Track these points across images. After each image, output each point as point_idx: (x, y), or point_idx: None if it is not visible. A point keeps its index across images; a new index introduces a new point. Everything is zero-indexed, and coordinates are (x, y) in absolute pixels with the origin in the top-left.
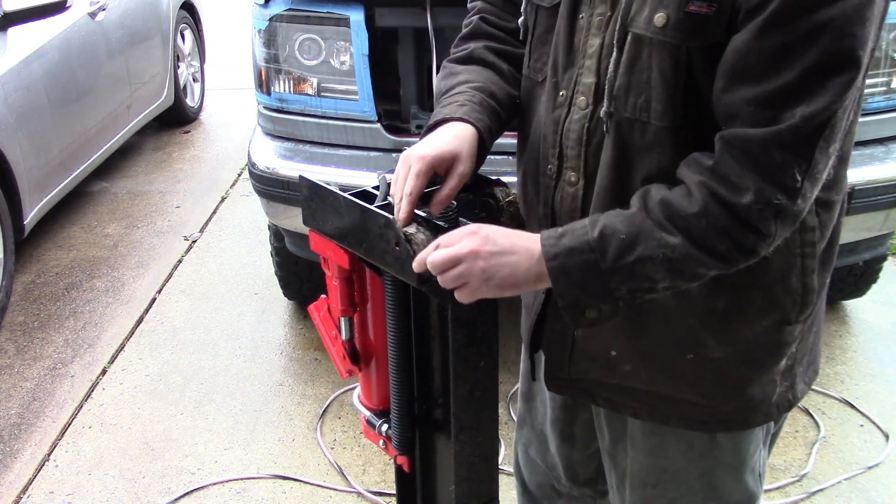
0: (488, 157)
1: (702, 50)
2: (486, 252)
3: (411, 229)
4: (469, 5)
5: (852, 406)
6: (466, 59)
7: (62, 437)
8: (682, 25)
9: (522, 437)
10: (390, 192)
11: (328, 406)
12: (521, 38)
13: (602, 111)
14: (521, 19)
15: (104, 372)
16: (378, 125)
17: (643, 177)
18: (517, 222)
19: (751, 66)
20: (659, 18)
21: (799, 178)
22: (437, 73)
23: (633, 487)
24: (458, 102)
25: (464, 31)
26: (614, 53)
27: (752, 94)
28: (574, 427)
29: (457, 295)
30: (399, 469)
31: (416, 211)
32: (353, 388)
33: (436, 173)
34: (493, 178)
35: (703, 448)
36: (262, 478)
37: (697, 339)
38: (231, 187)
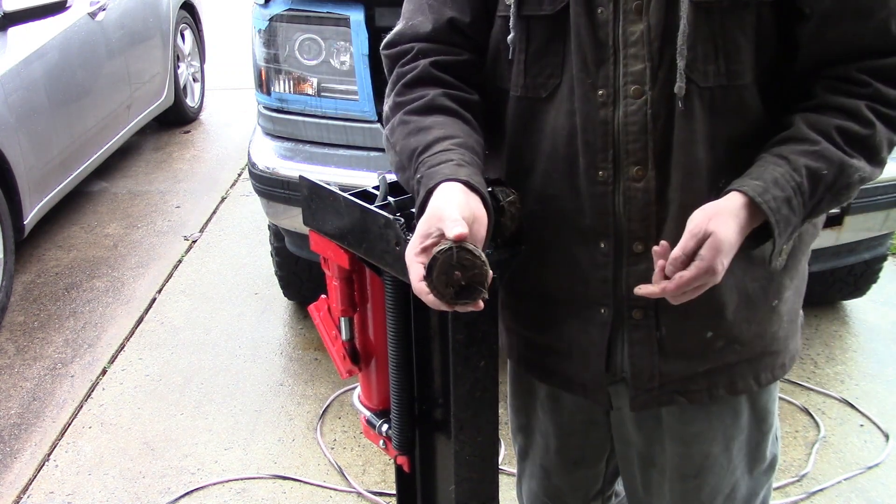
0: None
1: (769, 5)
2: (720, 267)
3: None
4: (396, 49)
5: (852, 406)
6: (429, 110)
7: (62, 437)
8: None
9: (526, 470)
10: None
11: (328, 406)
12: (509, 56)
13: (676, 87)
14: (509, 37)
15: (104, 372)
16: (378, 125)
17: (730, 140)
18: (518, 223)
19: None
20: None
21: None
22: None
23: (673, 482)
24: (455, 162)
25: (408, 75)
26: (681, 27)
27: (869, 26)
28: (585, 450)
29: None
30: (399, 469)
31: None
32: (353, 388)
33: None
34: (494, 177)
35: (732, 419)
36: (262, 478)
37: (781, 282)
38: (231, 187)
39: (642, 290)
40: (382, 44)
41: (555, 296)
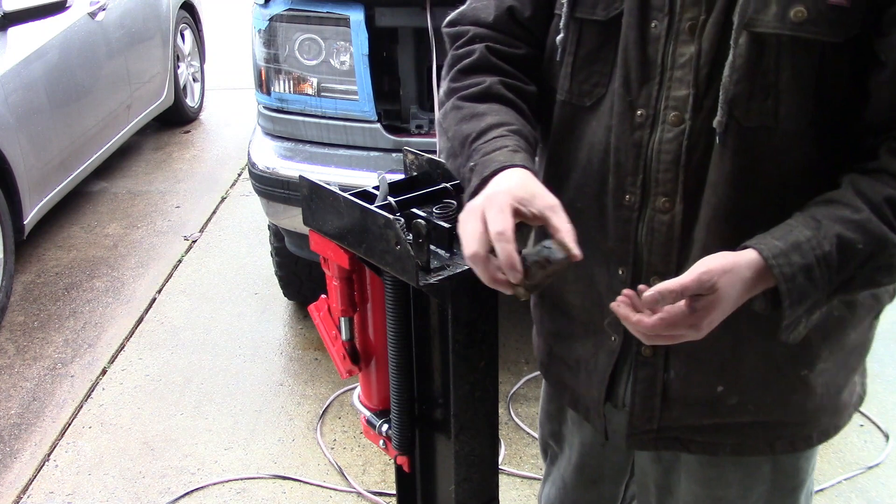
0: None
1: (837, 45)
2: (709, 321)
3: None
4: (455, 29)
5: None
6: (484, 97)
7: (62, 437)
8: (823, 19)
9: (551, 475)
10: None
11: (328, 406)
12: (558, 58)
13: (715, 121)
14: (559, 37)
15: (104, 372)
16: (378, 125)
17: (767, 186)
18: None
19: None
20: (797, 14)
21: None
22: (438, 79)
23: None
24: (510, 148)
25: (464, 60)
26: (730, 57)
27: None
28: (604, 469)
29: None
30: (399, 469)
31: (416, 210)
32: (353, 388)
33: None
34: None
35: (762, 474)
36: (262, 478)
37: (814, 352)
38: (231, 187)
39: (620, 308)
40: (445, 21)
41: (572, 312)
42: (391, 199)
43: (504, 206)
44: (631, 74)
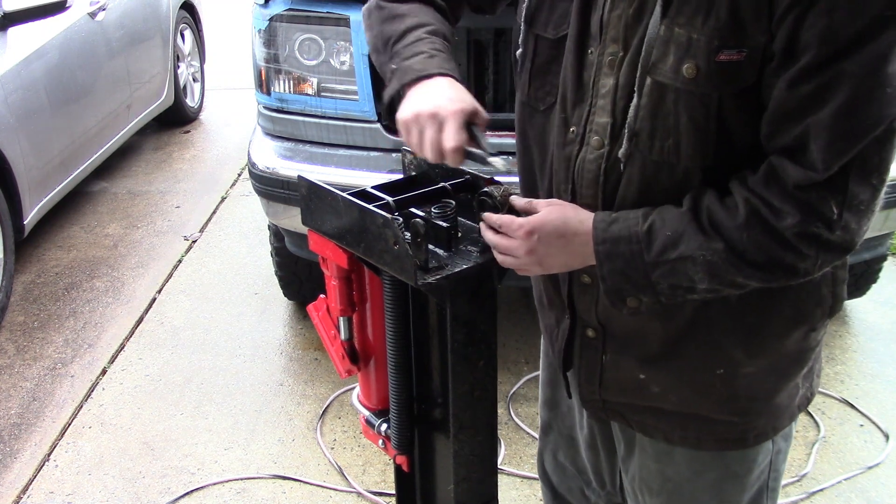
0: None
1: (733, 94)
2: (540, 255)
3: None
4: None
5: (852, 406)
6: None
7: (62, 437)
8: (713, 75)
9: (550, 443)
10: (414, 150)
11: (328, 406)
12: (518, 69)
13: (621, 153)
14: (518, 51)
15: (104, 372)
16: (378, 125)
17: None
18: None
19: (788, 110)
20: (688, 69)
21: (836, 210)
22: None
23: (642, 493)
24: (428, 54)
25: None
26: (634, 99)
27: (793, 133)
28: (597, 438)
29: (502, 263)
30: (398, 469)
31: (414, 210)
32: (353, 388)
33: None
34: (488, 177)
35: (709, 460)
36: (262, 478)
37: (727, 355)
38: (231, 187)
39: (490, 219)
40: None
41: (545, 284)
42: (390, 199)
43: (460, 124)
44: (567, 94)
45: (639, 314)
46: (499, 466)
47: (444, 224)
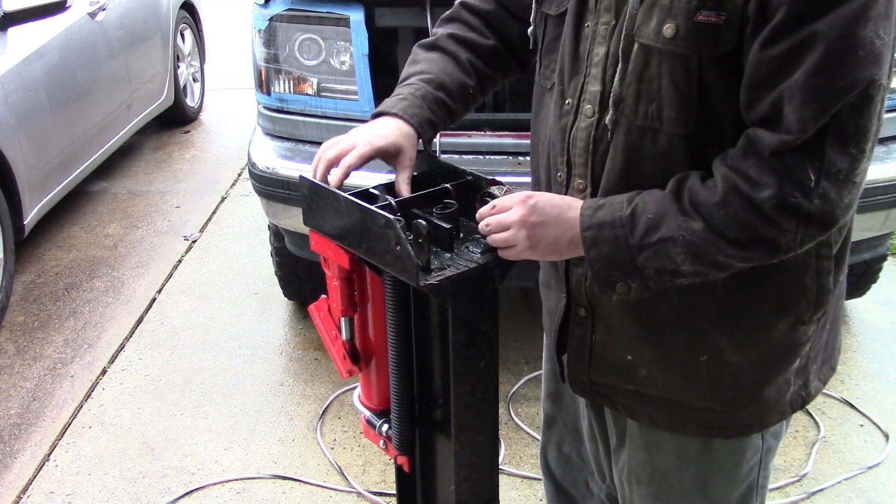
0: (488, 156)
1: (714, 58)
2: (532, 223)
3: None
4: None
5: (852, 406)
6: (430, 47)
7: (62, 437)
8: (691, 36)
9: (554, 436)
10: (323, 155)
11: (328, 406)
12: (531, 46)
13: (607, 119)
14: (530, 29)
15: (104, 372)
16: None
17: (652, 184)
18: None
19: (762, 75)
20: (668, 29)
21: (813, 178)
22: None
23: (631, 484)
24: (401, 96)
25: (446, 13)
26: (620, 63)
27: (768, 100)
28: (594, 427)
29: (501, 254)
30: (399, 469)
31: (416, 211)
32: (354, 388)
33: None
34: (489, 177)
35: (697, 451)
36: (262, 478)
37: (712, 342)
38: (231, 187)
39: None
40: None
41: (550, 264)
42: (391, 199)
43: (364, 155)
44: (565, 67)
45: (628, 300)
46: (499, 466)
47: (446, 225)
